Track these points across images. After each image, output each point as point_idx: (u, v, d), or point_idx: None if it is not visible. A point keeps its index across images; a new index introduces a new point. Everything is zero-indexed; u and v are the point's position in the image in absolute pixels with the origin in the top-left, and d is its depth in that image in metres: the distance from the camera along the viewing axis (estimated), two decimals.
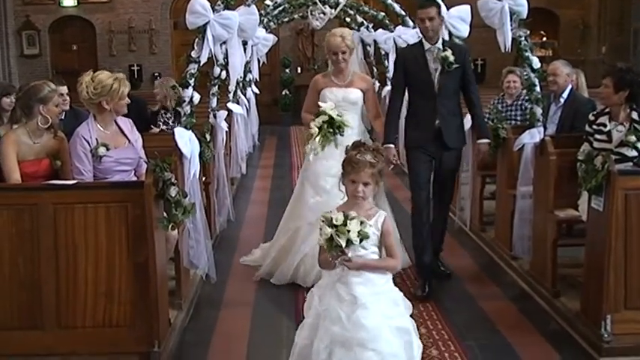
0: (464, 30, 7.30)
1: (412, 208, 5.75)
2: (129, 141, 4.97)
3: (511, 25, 5.41)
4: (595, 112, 5.52)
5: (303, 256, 5.75)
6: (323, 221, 3.47)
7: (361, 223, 3.45)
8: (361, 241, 3.45)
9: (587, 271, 4.84)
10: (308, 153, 5.72)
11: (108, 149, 4.82)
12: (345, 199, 3.70)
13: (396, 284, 3.71)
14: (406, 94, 5.83)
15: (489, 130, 6.20)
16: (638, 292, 4.56)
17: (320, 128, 5.58)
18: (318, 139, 5.57)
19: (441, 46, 5.52)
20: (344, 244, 3.40)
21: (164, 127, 7.66)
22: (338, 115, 5.59)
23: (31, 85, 5.01)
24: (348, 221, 3.42)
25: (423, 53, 5.57)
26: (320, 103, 5.71)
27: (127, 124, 5.04)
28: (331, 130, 5.58)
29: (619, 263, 4.52)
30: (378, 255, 3.63)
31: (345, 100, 5.85)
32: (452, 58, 5.43)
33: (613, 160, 4.91)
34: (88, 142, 4.80)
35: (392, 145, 5.64)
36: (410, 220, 5.77)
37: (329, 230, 3.42)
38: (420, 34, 5.70)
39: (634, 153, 5.18)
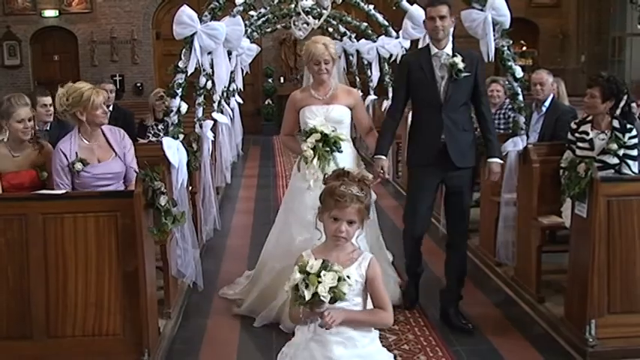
0: None
1: (404, 238, 5.31)
2: (115, 153, 4.94)
3: (494, 35, 5.48)
4: (577, 121, 5.63)
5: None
6: (297, 264, 2.94)
7: (339, 279, 2.85)
8: (332, 301, 2.85)
9: (571, 277, 4.91)
10: (308, 180, 5.08)
11: (85, 164, 4.78)
12: (323, 238, 3.18)
13: None
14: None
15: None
16: (621, 297, 4.63)
17: (314, 149, 5.00)
18: (315, 162, 5.01)
19: (450, 52, 4.97)
20: (307, 298, 2.83)
21: (154, 139, 7.69)
22: (332, 130, 5.04)
23: (2, 98, 4.99)
24: (324, 272, 2.85)
25: (429, 59, 5.01)
26: (308, 121, 5.13)
27: (116, 134, 4.99)
28: (327, 149, 5.02)
29: (602, 268, 4.59)
30: (361, 306, 3.08)
31: (328, 119, 5.15)
32: (461, 65, 4.90)
33: (596, 167, 5.04)
34: (66, 157, 4.77)
35: (384, 157, 5.12)
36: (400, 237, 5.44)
37: (298, 276, 2.86)
38: (428, 37, 5.14)
39: (615, 160, 5.28)
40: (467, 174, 5.11)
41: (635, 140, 5.30)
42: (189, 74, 5.46)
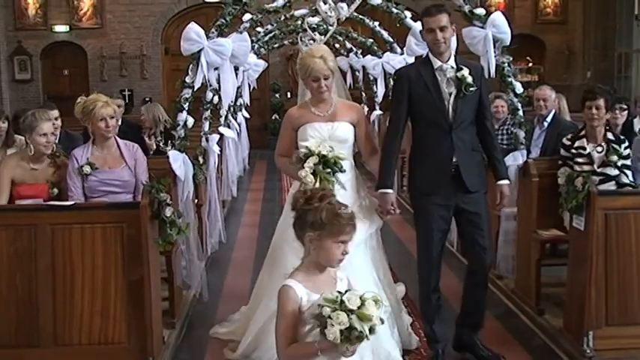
0: None
1: (419, 275, 4.68)
2: (126, 163, 5.09)
3: (495, 52, 5.58)
4: (569, 137, 5.67)
5: None
6: (325, 306, 2.73)
7: (375, 302, 2.76)
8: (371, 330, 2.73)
9: (570, 289, 4.98)
10: None
11: (93, 169, 4.95)
12: (296, 264, 3.08)
13: None
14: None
15: None
16: (618, 309, 4.71)
17: (314, 173, 4.40)
18: (318, 187, 4.29)
19: (454, 64, 4.46)
20: (368, 334, 2.69)
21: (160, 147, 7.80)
22: (330, 150, 4.46)
23: (27, 113, 5.13)
24: (367, 303, 2.73)
25: (432, 73, 4.46)
26: (302, 143, 4.54)
27: (129, 148, 5.17)
28: (329, 171, 4.43)
29: (600, 281, 4.67)
30: None
31: (332, 139, 4.61)
32: (470, 79, 4.40)
33: (597, 180, 5.15)
34: (77, 161, 4.98)
35: (390, 191, 4.57)
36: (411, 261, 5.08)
37: (344, 318, 2.68)
38: (428, 50, 4.56)
39: (615, 172, 5.37)
40: (481, 197, 4.58)
41: (629, 150, 5.40)
42: (195, 89, 5.59)
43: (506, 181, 4.68)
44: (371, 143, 4.89)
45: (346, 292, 2.79)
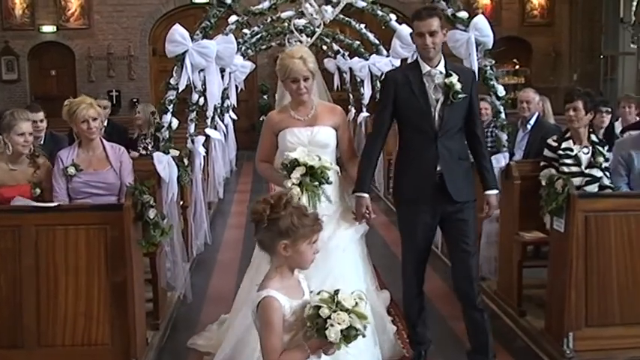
0: None
1: (403, 280, 4.63)
2: (111, 166, 5.11)
3: (477, 55, 5.63)
4: (555, 138, 5.73)
5: None
6: (322, 307, 2.78)
7: (361, 299, 2.86)
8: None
9: (550, 291, 5.04)
10: None
11: (78, 170, 4.98)
12: (267, 267, 3.06)
13: None
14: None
15: None
16: (598, 311, 4.76)
17: (301, 184, 4.23)
18: (304, 199, 4.20)
19: (443, 69, 4.33)
20: (364, 330, 2.81)
21: (144, 152, 7.83)
22: (317, 158, 4.27)
23: (6, 112, 5.14)
24: (359, 301, 2.83)
25: (420, 78, 4.33)
26: (287, 154, 4.32)
27: (115, 150, 5.21)
28: (316, 183, 4.26)
29: (580, 282, 4.72)
30: None
31: (313, 144, 4.43)
32: (459, 86, 4.26)
33: (584, 181, 5.23)
34: (63, 162, 5.02)
35: (366, 195, 4.44)
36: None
37: (345, 317, 2.76)
38: (418, 54, 4.45)
39: (601, 173, 5.43)
40: (468, 207, 4.44)
41: (609, 153, 5.47)
42: (180, 91, 5.61)
43: (494, 191, 4.54)
44: (351, 147, 4.76)
45: (336, 291, 2.81)
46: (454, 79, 4.27)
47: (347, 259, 4.41)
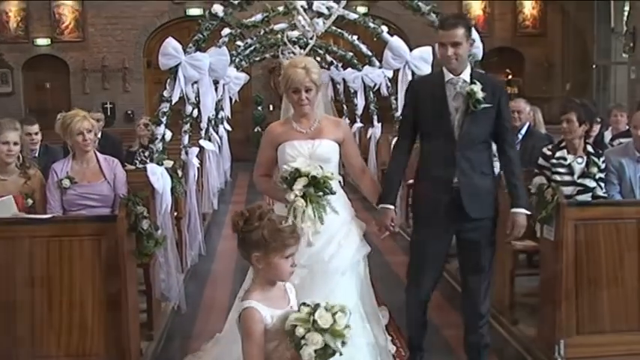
0: (426, 70, 7.61)
1: (407, 300, 4.58)
2: (105, 178, 5.15)
3: None
4: (549, 147, 5.78)
5: None
6: (298, 326, 2.82)
7: (343, 311, 2.86)
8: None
9: (542, 299, 5.08)
10: (305, 233, 3.94)
11: (72, 182, 5.01)
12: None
13: None
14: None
15: None
16: (589, 318, 4.80)
17: (305, 196, 4.00)
18: (310, 211, 3.99)
19: (467, 78, 4.19)
20: (342, 348, 2.81)
21: (140, 166, 7.84)
22: (319, 168, 4.05)
23: None
24: (337, 318, 2.82)
25: (441, 85, 4.21)
26: (289, 159, 4.16)
27: (109, 162, 5.24)
28: (320, 193, 4.03)
29: (570, 290, 4.76)
30: None
31: (315, 158, 4.15)
32: (480, 95, 4.10)
33: (576, 191, 5.27)
34: (57, 175, 5.04)
35: (391, 207, 4.31)
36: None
37: (319, 338, 2.78)
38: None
39: (594, 184, 5.47)
40: (485, 225, 4.30)
41: (604, 164, 5.51)
42: (173, 103, 5.66)
43: (521, 210, 4.29)
44: (359, 162, 4.49)
45: (315, 307, 2.84)
46: (476, 87, 4.12)
47: (346, 283, 4.16)
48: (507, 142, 4.31)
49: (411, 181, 5.50)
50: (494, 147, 4.44)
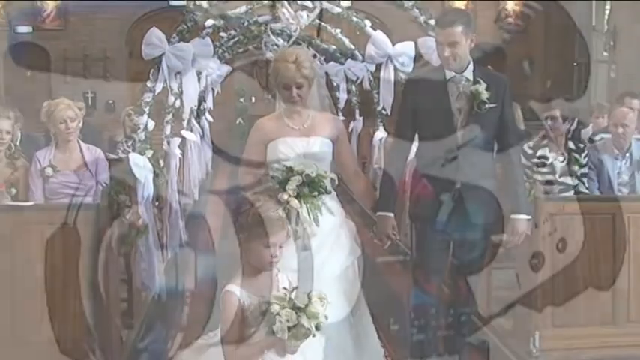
0: (408, 64, 7.65)
1: (413, 310, 4.36)
2: (87, 167, 5.16)
3: None
4: (531, 145, 5.76)
5: None
6: (274, 303, 2.85)
7: (321, 300, 2.87)
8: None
9: (518, 291, 5.16)
10: (299, 236, 3.70)
11: (55, 171, 5.02)
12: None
13: None
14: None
15: None
16: (564, 311, 4.89)
17: (299, 196, 3.73)
18: (305, 212, 3.76)
19: (470, 76, 3.97)
20: (314, 330, 2.82)
21: (123, 156, 7.83)
22: (313, 166, 3.79)
23: None
24: (313, 300, 2.83)
25: (443, 84, 3.96)
26: (280, 157, 3.87)
27: (92, 151, 5.28)
28: (315, 193, 3.78)
29: (546, 283, 4.84)
30: None
31: (308, 156, 3.85)
32: (486, 95, 3.86)
33: (557, 189, 5.33)
34: (40, 163, 5.06)
35: (391, 215, 4.09)
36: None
37: (292, 314, 2.79)
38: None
39: (575, 181, 5.54)
40: (487, 230, 4.23)
41: (587, 159, 5.58)
42: (156, 93, 5.67)
43: (521, 216, 4.13)
44: (353, 164, 4.22)
45: (294, 289, 2.90)
46: (481, 87, 3.88)
47: (339, 287, 3.89)
48: (508, 141, 4.11)
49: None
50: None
